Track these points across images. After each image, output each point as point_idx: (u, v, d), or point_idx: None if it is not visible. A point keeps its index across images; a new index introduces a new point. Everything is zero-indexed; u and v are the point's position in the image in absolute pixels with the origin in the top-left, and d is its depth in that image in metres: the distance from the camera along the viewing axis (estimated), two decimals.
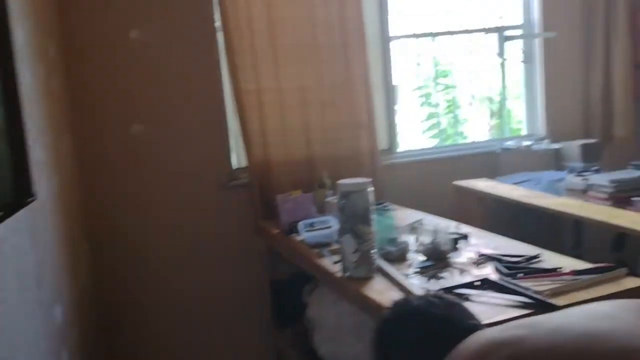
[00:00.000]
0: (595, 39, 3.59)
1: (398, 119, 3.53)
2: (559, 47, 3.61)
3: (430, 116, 4.14)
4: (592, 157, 3.38)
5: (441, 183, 3.37)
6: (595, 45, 3.59)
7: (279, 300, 3.12)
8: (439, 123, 4.16)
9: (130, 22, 2.93)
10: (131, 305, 3.07)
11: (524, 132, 3.77)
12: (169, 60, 3.01)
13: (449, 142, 4.08)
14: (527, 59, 3.60)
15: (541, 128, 3.63)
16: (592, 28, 3.60)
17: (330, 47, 3.12)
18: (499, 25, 3.38)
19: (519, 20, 3.64)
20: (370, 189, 1.98)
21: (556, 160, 3.62)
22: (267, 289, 3.14)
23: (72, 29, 2.86)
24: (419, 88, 4.03)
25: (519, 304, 1.67)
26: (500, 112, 3.47)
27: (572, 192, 2.96)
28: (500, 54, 3.41)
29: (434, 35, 3.55)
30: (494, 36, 3.47)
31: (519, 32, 3.62)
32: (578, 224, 3.16)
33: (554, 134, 3.60)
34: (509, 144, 3.47)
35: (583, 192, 2.90)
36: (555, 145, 3.40)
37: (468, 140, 4.02)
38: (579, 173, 3.09)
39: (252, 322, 3.21)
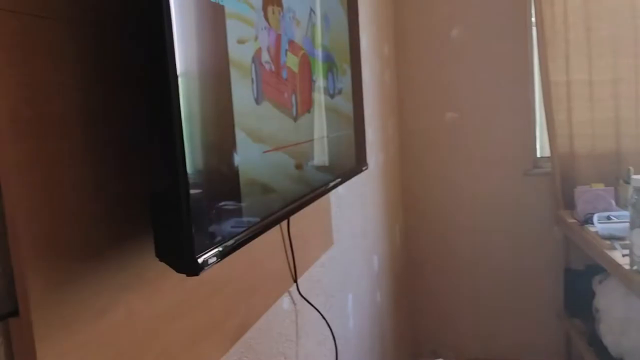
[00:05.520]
0: None
1: None
2: None
3: None
4: None
5: None
6: None
7: (571, 289, 3.19)
8: None
9: (451, 22, 3.33)
10: (431, 265, 3.52)
11: None
12: (484, 54, 3.31)
13: None
14: None
15: None
16: None
17: None
18: None
19: None
20: None
21: None
22: (560, 276, 3.24)
23: (403, 31, 3.39)
24: None
25: None
26: None
27: None
28: None
29: None
30: None
31: None
32: None
33: None
34: None
35: None
36: None
37: None
38: None
39: (543, 307, 3.35)
